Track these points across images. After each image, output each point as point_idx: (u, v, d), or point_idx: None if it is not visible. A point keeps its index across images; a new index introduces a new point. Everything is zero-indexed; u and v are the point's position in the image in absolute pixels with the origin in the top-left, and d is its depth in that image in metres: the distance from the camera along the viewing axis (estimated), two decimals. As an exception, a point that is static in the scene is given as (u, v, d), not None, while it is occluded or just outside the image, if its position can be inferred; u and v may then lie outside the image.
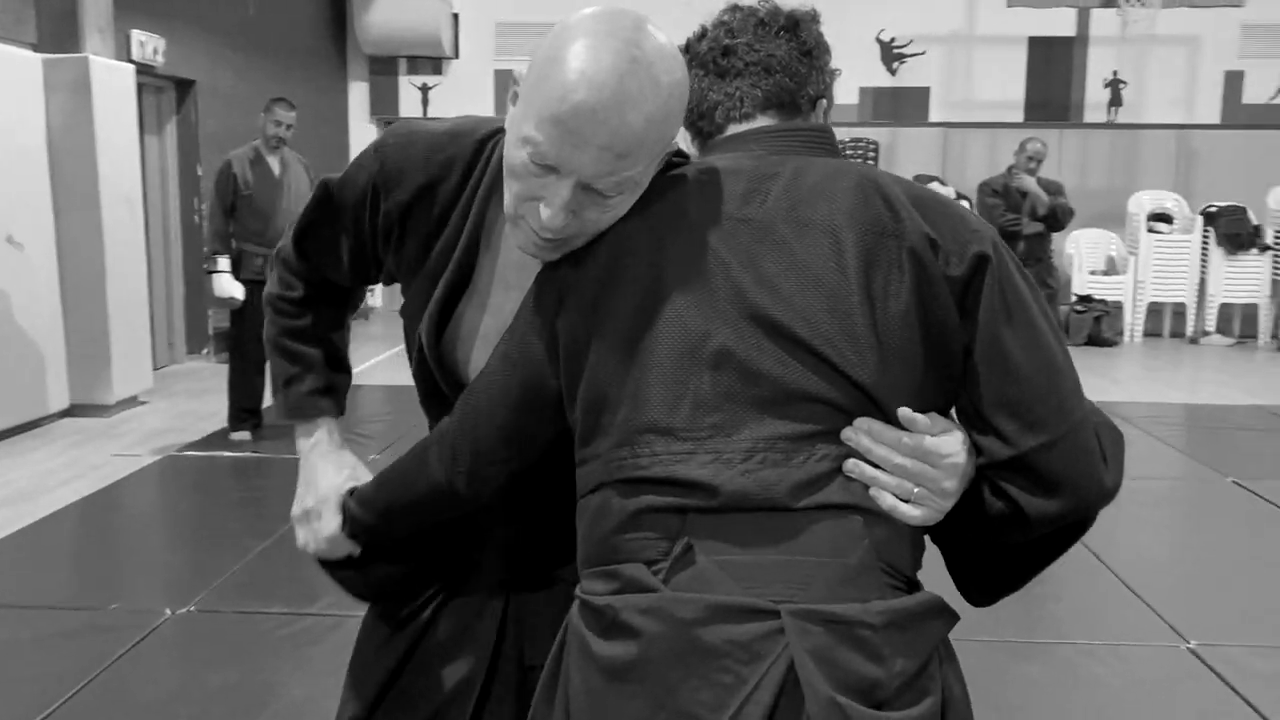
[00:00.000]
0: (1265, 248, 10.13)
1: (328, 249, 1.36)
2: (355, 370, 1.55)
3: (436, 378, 1.30)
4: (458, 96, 11.14)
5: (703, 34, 1.22)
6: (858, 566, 0.99)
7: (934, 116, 10.98)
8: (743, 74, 1.17)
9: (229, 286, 5.54)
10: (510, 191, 1.11)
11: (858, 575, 0.98)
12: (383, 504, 1.29)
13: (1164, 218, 10.49)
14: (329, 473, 1.36)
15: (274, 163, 5.71)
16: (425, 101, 11.18)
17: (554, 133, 1.03)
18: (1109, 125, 11.02)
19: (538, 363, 1.13)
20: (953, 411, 1.09)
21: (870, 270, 1.03)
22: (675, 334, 1.04)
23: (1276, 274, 10.09)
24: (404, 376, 6.29)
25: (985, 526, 1.08)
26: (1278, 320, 10.20)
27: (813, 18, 1.20)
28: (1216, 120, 10.94)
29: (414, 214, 1.25)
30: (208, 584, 3.68)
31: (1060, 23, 10.71)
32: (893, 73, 10.92)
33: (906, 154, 10.97)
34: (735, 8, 1.21)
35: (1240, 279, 10.10)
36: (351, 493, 1.33)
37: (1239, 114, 10.87)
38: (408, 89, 11.19)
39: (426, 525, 1.32)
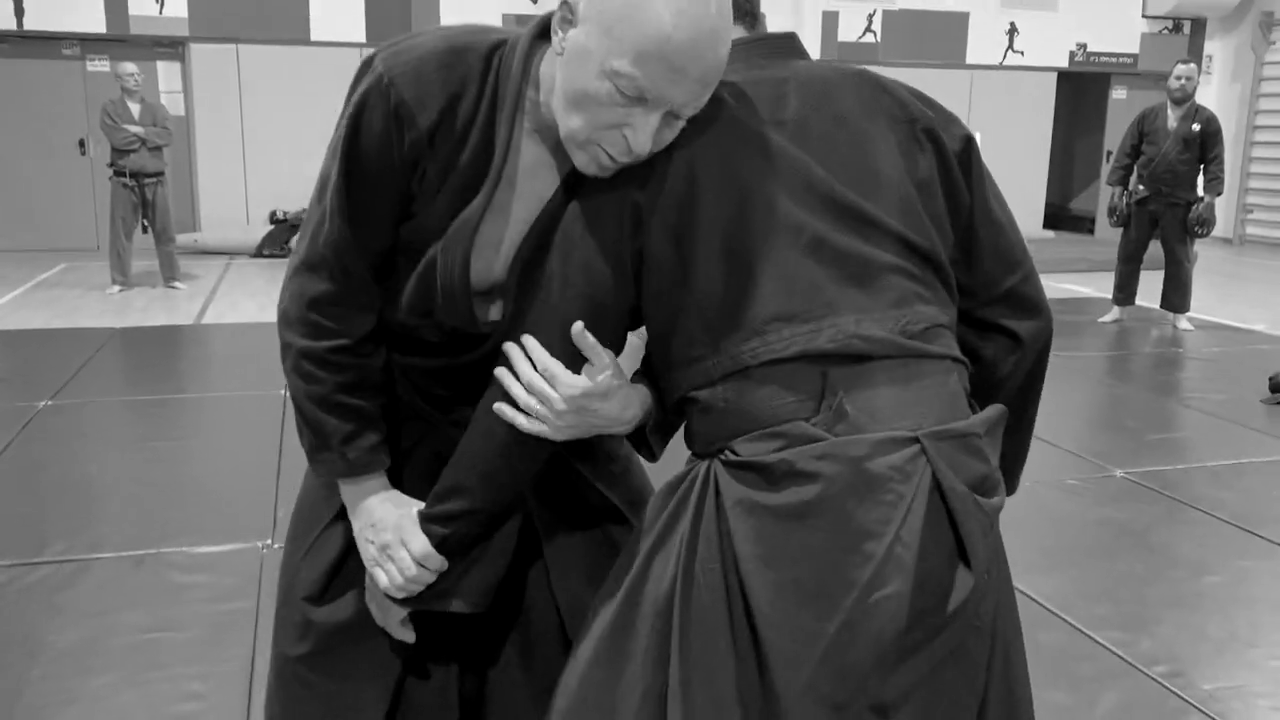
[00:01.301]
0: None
1: (382, 212, 1.27)
2: None
3: (449, 284, 1.28)
4: (60, 8, 9.94)
5: None
6: (952, 395, 1.22)
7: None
8: None
9: None
10: (581, 118, 1.15)
11: (954, 401, 1.22)
12: (475, 478, 1.29)
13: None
14: (389, 509, 1.33)
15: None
16: (20, 12, 9.86)
17: (654, 68, 1.09)
18: (783, 31, 11.93)
19: (602, 283, 1.22)
20: (621, 358, 1.28)
21: (903, 150, 1.24)
22: (771, 232, 1.19)
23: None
24: (24, 320, 5.88)
25: (985, 367, 1.35)
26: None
27: None
28: (817, 56, 12.20)
29: (437, 137, 1.23)
30: (-97, 547, 3.29)
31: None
32: (534, 1, 11.13)
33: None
34: None
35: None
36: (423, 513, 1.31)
37: (835, 50, 12.19)
38: (-3, -3, 9.83)
39: (524, 481, 1.32)
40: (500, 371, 1.25)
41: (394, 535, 1.30)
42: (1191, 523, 3.70)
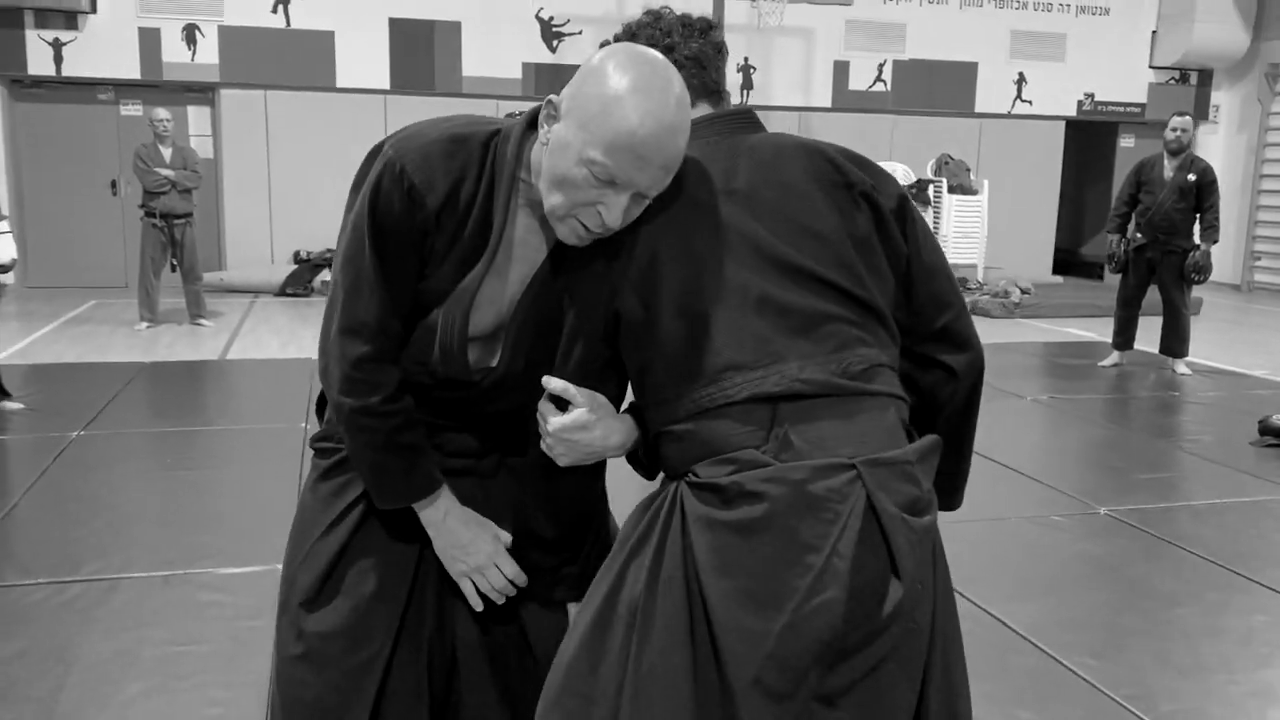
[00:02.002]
0: (871, 215, 11.75)
1: (407, 276, 1.46)
2: (15, 348, 1.58)
3: (448, 342, 1.48)
4: (95, 55, 10.34)
5: (633, 34, 1.55)
6: (889, 427, 1.41)
7: (591, 93, 11.62)
8: (684, 67, 1.51)
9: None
10: (562, 196, 1.36)
11: (891, 432, 1.41)
12: None
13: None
14: (476, 532, 1.57)
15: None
16: (59, 59, 10.28)
17: (623, 158, 1.30)
18: (741, 107, 12.22)
19: (595, 335, 1.48)
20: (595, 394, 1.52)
21: (842, 212, 1.45)
22: (722, 293, 1.39)
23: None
24: (57, 354, 6.16)
25: (925, 396, 1.54)
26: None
27: (715, 24, 1.61)
28: (828, 104, 12.49)
29: (443, 215, 1.44)
30: (-53, 565, 3.51)
31: (700, 9, 11.68)
32: (553, 50, 11.47)
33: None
34: (656, 14, 1.57)
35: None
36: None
37: (846, 99, 12.48)
38: (37, 45, 10.22)
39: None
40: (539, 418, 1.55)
41: (488, 560, 1.57)
42: (1168, 558, 3.86)
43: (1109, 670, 2.97)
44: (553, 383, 1.49)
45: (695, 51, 1.54)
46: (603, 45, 1.50)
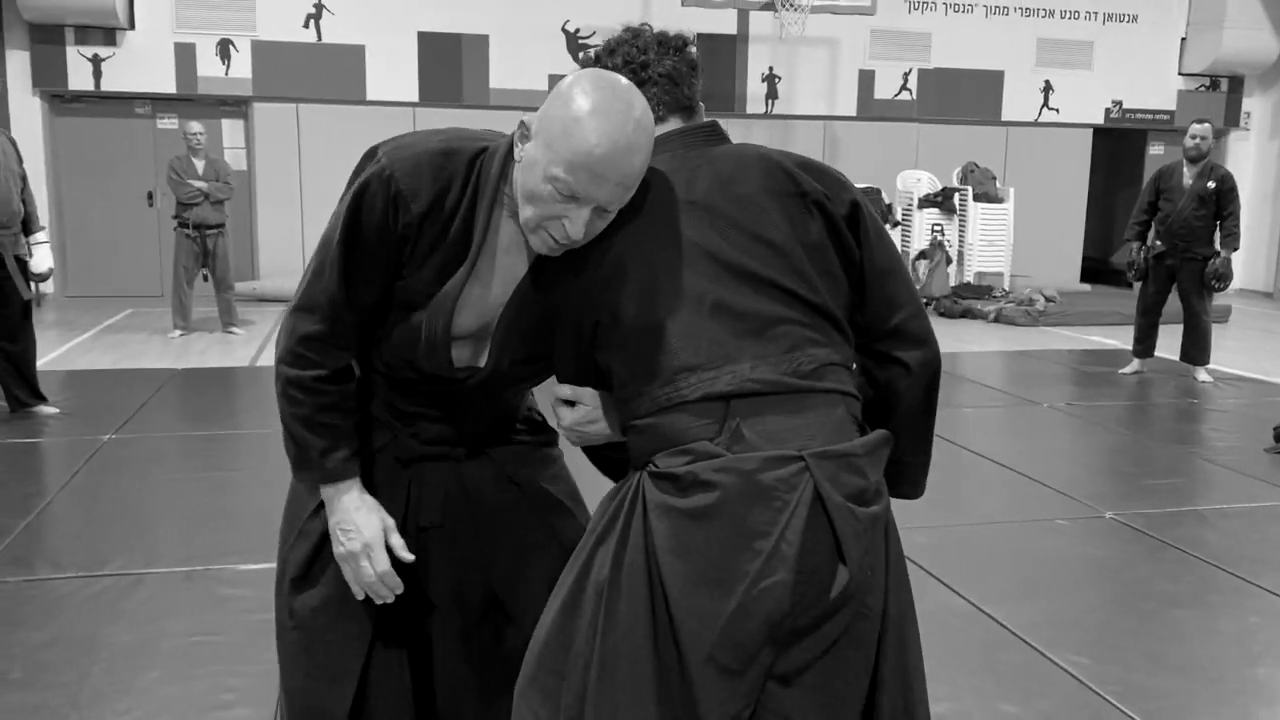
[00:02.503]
0: (895, 224, 11.81)
1: (370, 275, 1.57)
2: (53, 355, 1.74)
3: (431, 340, 1.60)
4: (133, 70, 10.62)
5: (612, 50, 1.65)
6: (838, 422, 1.50)
7: (616, 104, 11.77)
8: (657, 83, 1.61)
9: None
10: (532, 209, 1.46)
11: (840, 427, 1.50)
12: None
13: (815, 198, 11.92)
14: (372, 521, 1.63)
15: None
16: (98, 74, 10.56)
17: (581, 175, 1.41)
18: (767, 116, 12.34)
19: (581, 338, 1.58)
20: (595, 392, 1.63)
21: (792, 220, 1.53)
22: (679, 300, 1.49)
23: (904, 246, 11.79)
24: (93, 361, 6.36)
25: (884, 391, 1.62)
26: (907, 286, 11.90)
27: (690, 41, 1.70)
28: (853, 113, 12.55)
29: (427, 221, 1.55)
30: (-18, 559, 3.67)
31: (724, 22, 11.85)
32: (579, 62, 11.59)
33: (593, 138, 11.69)
34: (636, 31, 1.67)
35: (877, 251, 11.68)
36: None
37: (871, 108, 12.53)
38: (77, 60, 10.52)
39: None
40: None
41: (363, 549, 1.63)
42: (1169, 561, 3.90)
43: (1098, 668, 3.03)
44: (562, 389, 1.62)
45: (669, 69, 1.63)
46: (583, 65, 1.60)
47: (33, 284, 5.82)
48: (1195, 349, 7.49)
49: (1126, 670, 3.03)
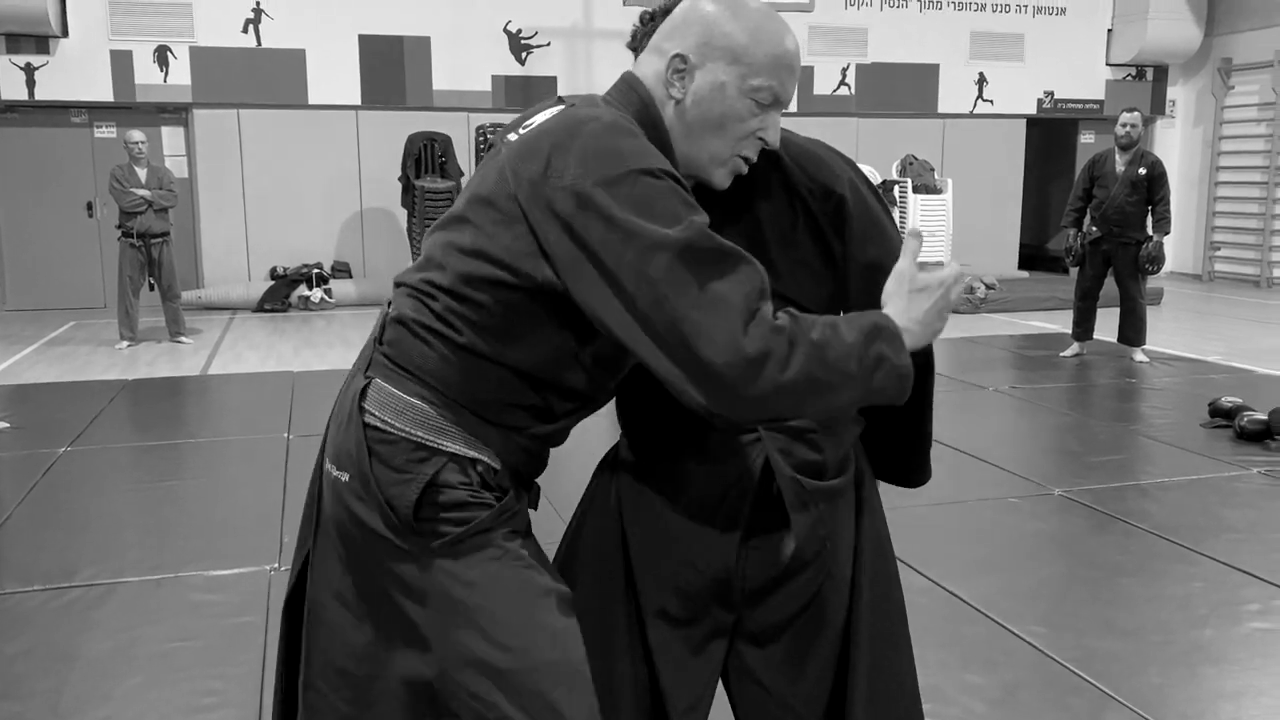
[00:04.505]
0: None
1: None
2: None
3: None
4: (68, 78, 10.45)
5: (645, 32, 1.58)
6: None
7: (560, 103, 11.82)
8: None
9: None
10: (720, 141, 1.42)
11: None
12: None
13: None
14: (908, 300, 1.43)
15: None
16: (31, 83, 10.37)
17: (784, 74, 1.41)
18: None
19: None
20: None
21: (779, 215, 1.55)
22: None
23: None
24: (39, 374, 6.35)
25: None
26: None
27: None
28: (794, 109, 12.70)
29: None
30: (-54, 575, 3.64)
31: (665, 20, 11.91)
32: (522, 62, 11.65)
33: (538, 138, 11.72)
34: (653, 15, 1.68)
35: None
36: None
37: (812, 103, 12.70)
38: (9, 69, 10.31)
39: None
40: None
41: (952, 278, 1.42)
42: (1115, 533, 4.06)
43: (1055, 636, 3.17)
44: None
45: None
46: (646, 20, 1.52)
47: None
48: (1132, 331, 7.74)
49: (1081, 637, 3.16)
